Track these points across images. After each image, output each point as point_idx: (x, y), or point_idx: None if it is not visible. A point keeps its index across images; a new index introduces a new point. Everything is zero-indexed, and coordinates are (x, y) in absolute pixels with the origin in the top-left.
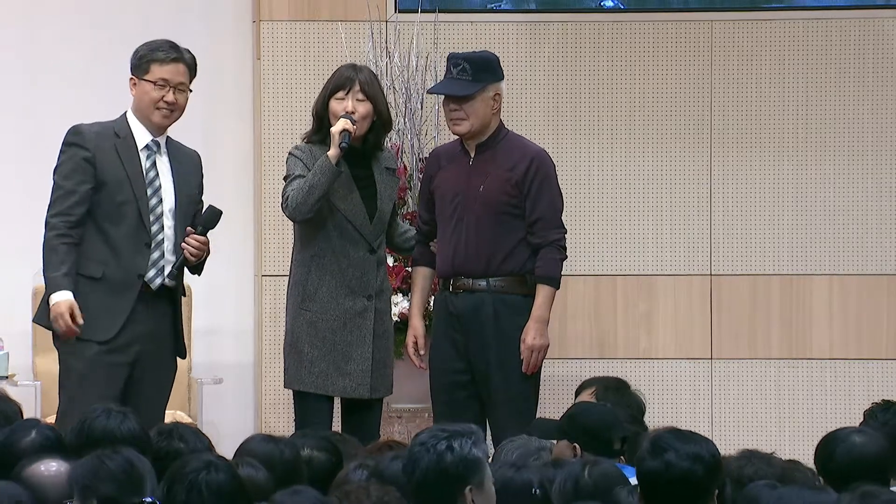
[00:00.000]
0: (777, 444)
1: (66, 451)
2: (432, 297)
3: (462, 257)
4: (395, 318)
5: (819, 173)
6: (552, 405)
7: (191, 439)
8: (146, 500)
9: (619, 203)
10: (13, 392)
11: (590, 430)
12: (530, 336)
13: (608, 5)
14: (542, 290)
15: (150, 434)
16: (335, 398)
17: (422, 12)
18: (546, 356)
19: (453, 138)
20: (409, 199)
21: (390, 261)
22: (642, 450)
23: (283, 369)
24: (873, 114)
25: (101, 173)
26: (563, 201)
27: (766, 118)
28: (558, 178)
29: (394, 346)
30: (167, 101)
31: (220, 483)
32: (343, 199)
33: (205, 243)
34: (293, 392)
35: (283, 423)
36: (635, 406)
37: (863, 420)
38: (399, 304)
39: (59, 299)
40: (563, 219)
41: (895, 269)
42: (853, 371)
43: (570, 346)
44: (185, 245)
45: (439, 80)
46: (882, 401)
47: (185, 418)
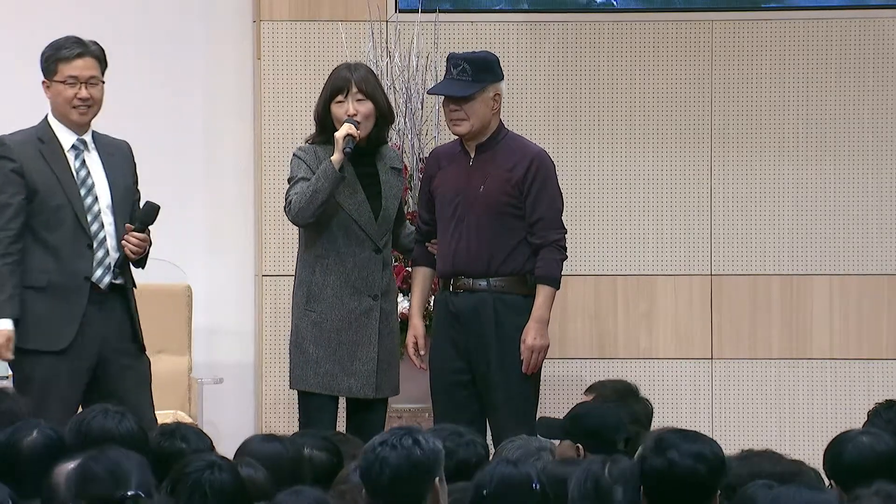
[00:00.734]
0: (777, 445)
1: (68, 452)
2: (432, 297)
3: (462, 257)
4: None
5: (819, 173)
6: (552, 405)
7: (193, 439)
8: (128, 493)
9: (619, 203)
10: None
11: (593, 431)
12: (530, 336)
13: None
14: (543, 291)
15: (151, 433)
16: (340, 398)
17: (422, 12)
18: (546, 356)
19: (453, 138)
20: (410, 200)
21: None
22: (645, 447)
23: (289, 369)
24: (873, 113)
25: (31, 182)
26: (564, 201)
27: (766, 118)
28: (558, 178)
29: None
30: (81, 97)
31: (223, 483)
32: (348, 198)
33: (143, 240)
34: (298, 392)
35: (283, 422)
36: (643, 412)
37: (867, 420)
38: (400, 303)
39: (1, 328)
40: (563, 219)
41: None
42: (853, 371)
43: (570, 346)
44: (125, 243)
45: (439, 81)
46: (885, 401)
47: (185, 418)
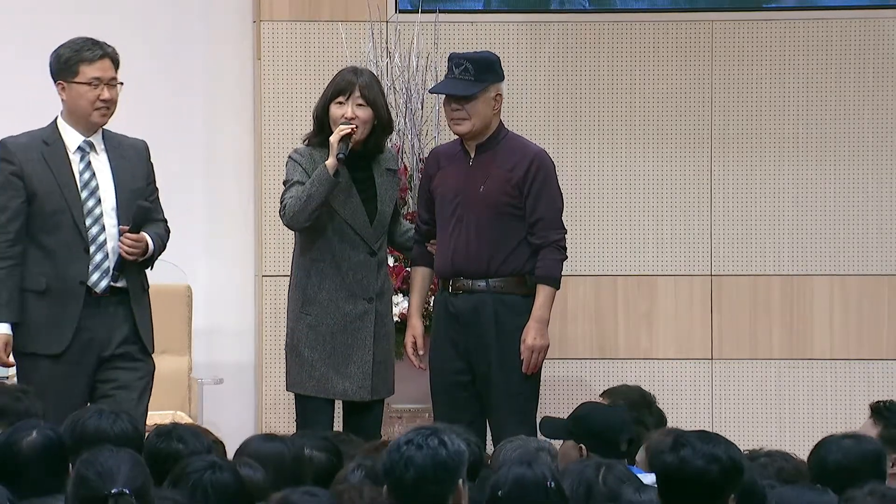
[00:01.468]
0: (778, 445)
1: (67, 452)
2: (431, 298)
3: (462, 258)
4: (395, 318)
5: (820, 173)
6: (552, 405)
7: (189, 440)
8: (113, 490)
9: (619, 203)
10: None
11: (596, 432)
12: (530, 336)
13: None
14: (543, 291)
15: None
16: (336, 401)
17: (422, 12)
18: (546, 356)
19: (454, 138)
20: (410, 200)
21: (391, 261)
22: (663, 443)
23: (285, 373)
24: (874, 114)
25: (31, 185)
26: (564, 201)
27: (766, 118)
28: (558, 178)
29: (394, 347)
30: (104, 98)
31: (224, 483)
32: (343, 203)
33: (138, 241)
34: (294, 395)
35: (283, 423)
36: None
37: (870, 414)
38: (399, 304)
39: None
40: (563, 219)
41: None
42: (854, 371)
43: (571, 346)
44: (120, 245)
45: (439, 80)
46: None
47: (185, 418)
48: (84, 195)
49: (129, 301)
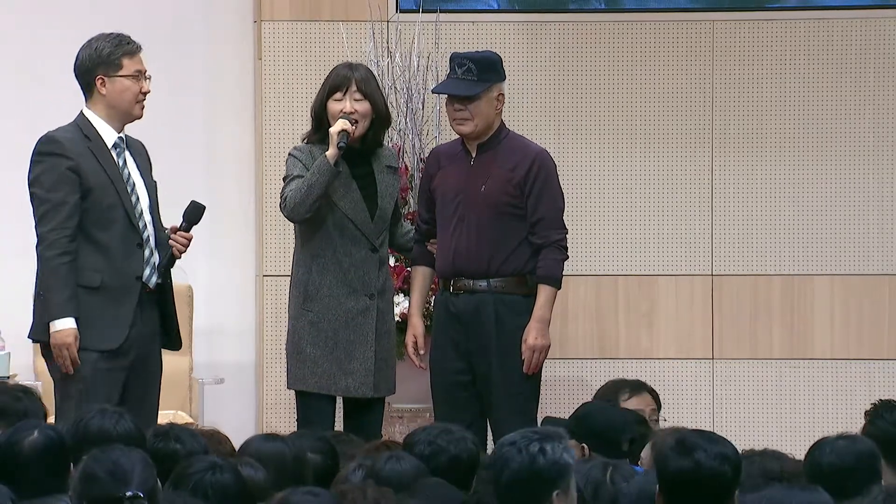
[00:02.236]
0: (778, 445)
1: (69, 452)
2: (432, 298)
3: (463, 257)
4: (395, 318)
5: (820, 173)
6: (553, 405)
7: (187, 440)
8: (128, 493)
9: (620, 203)
10: None
11: (598, 432)
12: (532, 336)
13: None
14: (544, 291)
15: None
16: (338, 398)
17: (423, 12)
18: (547, 356)
19: (454, 138)
20: (411, 199)
21: (391, 260)
22: (665, 448)
23: (286, 370)
24: (875, 114)
25: (86, 180)
26: (565, 201)
27: (767, 118)
28: (559, 178)
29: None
30: (144, 91)
31: (225, 483)
32: (343, 197)
33: (190, 239)
34: (296, 392)
35: (284, 422)
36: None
37: (866, 419)
38: (400, 304)
39: (64, 328)
40: (564, 219)
41: None
42: (854, 371)
43: (571, 346)
44: (173, 242)
45: (440, 80)
46: (880, 400)
47: (186, 418)
48: (129, 190)
49: (165, 299)
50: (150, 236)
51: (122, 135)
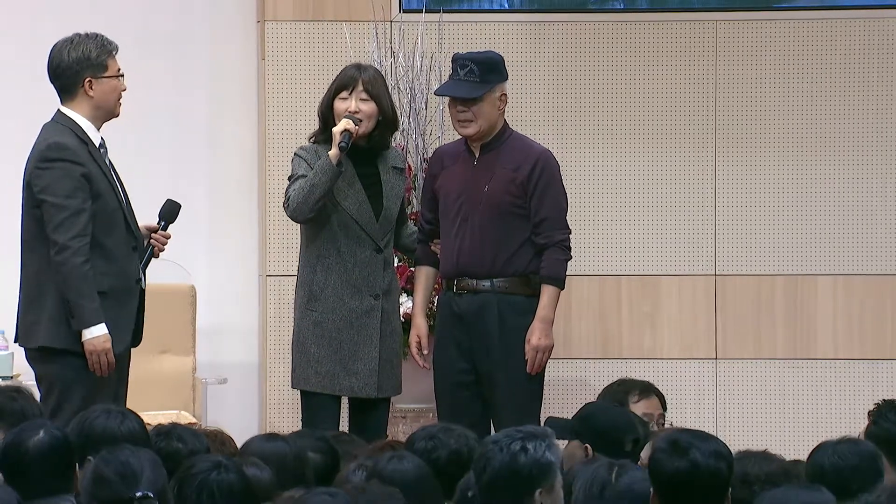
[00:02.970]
0: (781, 445)
1: (74, 452)
2: (435, 298)
3: (466, 258)
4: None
5: (823, 173)
6: (556, 405)
7: (189, 439)
8: (138, 494)
9: (623, 203)
10: None
11: (602, 432)
12: (535, 336)
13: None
14: (547, 291)
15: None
16: (342, 398)
17: (426, 12)
18: (550, 356)
19: (457, 138)
20: (414, 200)
21: (395, 261)
22: (657, 450)
23: (291, 369)
24: (877, 113)
25: (95, 185)
26: (568, 201)
27: (770, 118)
28: (562, 178)
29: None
30: (124, 90)
31: (230, 483)
32: (348, 198)
33: (169, 237)
34: (300, 392)
35: (287, 422)
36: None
37: (869, 419)
38: (403, 304)
39: (100, 334)
40: (567, 219)
41: None
42: (858, 371)
43: (574, 346)
44: (154, 242)
45: (444, 81)
46: (883, 400)
47: (189, 418)
48: (121, 193)
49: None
50: (138, 237)
51: (100, 135)
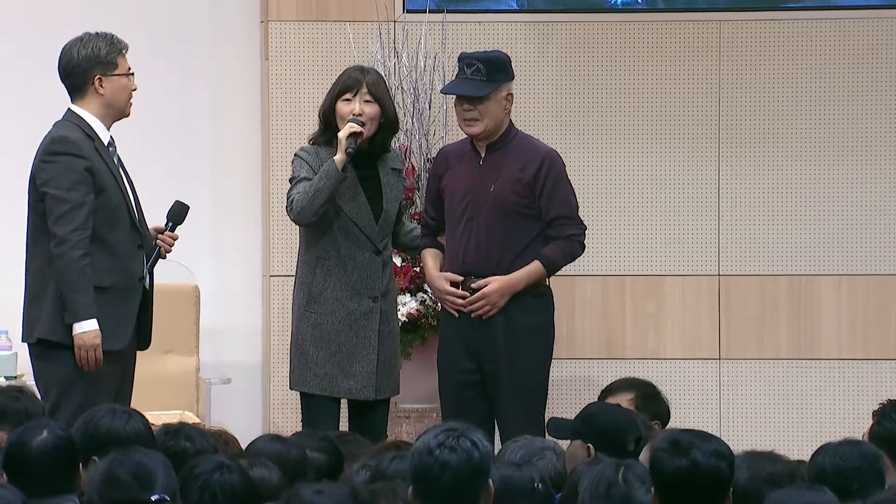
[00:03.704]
0: (785, 445)
1: (78, 452)
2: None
3: (472, 257)
4: (402, 318)
5: (827, 173)
6: (560, 405)
7: (196, 438)
8: (154, 497)
9: (627, 203)
10: None
11: (604, 432)
12: (495, 290)
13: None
14: (534, 266)
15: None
16: (342, 399)
17: (430, 12)
18: (553, 356)
19: (461, 138)
20: (418, 200)
21: (398, 261)
22: (658, 450)
23: (289, 370)
24: (882, 113)
25: (99, 180)
26: (577, 198)
27: (774, 118)
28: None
29: (401, 347)
30: (134, 89)
31: (233, 484)
32: (348, 200)
33: (176, 239)
34: (300, 394)
35: (290, 423)
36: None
37: (873, 419)
38: (406, 304)
39: (90, 329)
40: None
41: None
42: (862, 371)
43: (578, 346)
44: (161, 243)
45: (447, 81)
46: (888, 401)
47: (193, 418)
48: (128, 190)
49: (148, 299)
50: (145, 237)
51: (109, 134)
